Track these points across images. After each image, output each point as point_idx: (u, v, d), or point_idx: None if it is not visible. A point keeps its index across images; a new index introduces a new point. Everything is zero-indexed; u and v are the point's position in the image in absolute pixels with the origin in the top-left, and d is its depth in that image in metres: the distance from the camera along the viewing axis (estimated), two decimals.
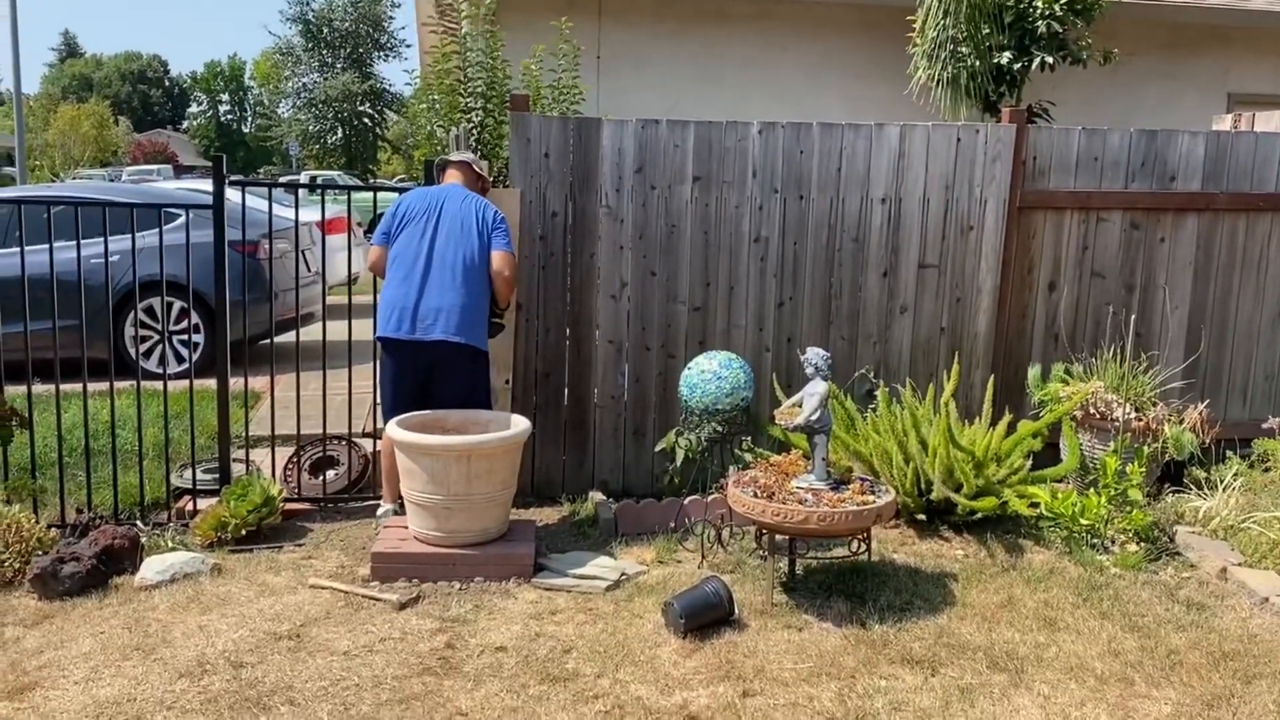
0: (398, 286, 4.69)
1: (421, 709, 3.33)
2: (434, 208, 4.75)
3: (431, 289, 4.62)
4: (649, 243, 5.50)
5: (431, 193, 4.86)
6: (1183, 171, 5.80)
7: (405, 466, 4.38)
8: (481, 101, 6.31)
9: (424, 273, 4.65)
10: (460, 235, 4.68)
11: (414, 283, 4.65)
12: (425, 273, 4.65)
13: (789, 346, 5.61)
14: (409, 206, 4.80)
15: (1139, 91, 9.50)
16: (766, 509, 4.06)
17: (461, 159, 5.02)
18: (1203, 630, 3.93)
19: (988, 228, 5.67)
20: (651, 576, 4.44)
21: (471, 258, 4.68)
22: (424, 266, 4.66)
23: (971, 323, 5.73)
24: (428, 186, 5.07)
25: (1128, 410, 5.14)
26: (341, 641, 3.78)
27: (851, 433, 5.11)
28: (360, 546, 4.73)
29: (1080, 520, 4.72)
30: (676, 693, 3.44)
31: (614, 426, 5.61)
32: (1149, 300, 5.86)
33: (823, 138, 5.53)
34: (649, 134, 5.43)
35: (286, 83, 41.02)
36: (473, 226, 4.70)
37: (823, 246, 5.60)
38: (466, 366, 4.73)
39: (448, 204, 4.75)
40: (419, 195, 4.86)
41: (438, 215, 4.73)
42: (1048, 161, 5.71)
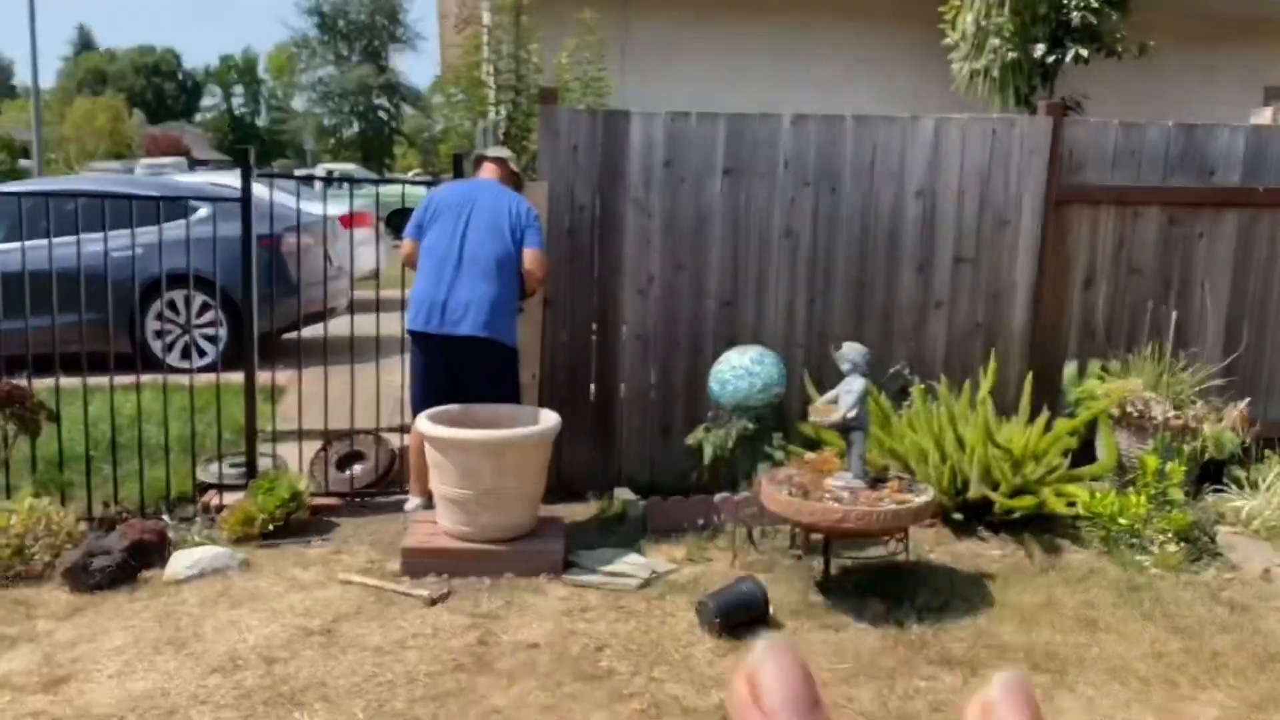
0: (428, 280, 4.65)
1: (456, 706, 3.29)
2: (467, 202, 4.69)
3: (462, 283, 4.58)
4: (677, 236, 5.44)
5: (465, 186, 4.81)
6: (1222, 166, 5.70)
7: (436, 461, 4.34)
8: (510, 94, 6.26)
9: (455, 267, 4.60)
10: (493, 230, 4.63)
11: (445, 277, 4.60)
12: (456, 267, 4.60)
13: (820, 342, 5.54)
14: (441, 200, 4.75)
15: (1174, 84, 9.37)
16: (803, 508, 4.00)
17: (499, 154, 4.97)
18: (1247, 632, 3.86)
19: (1024, 222, 5.58)
20: (682, 575, 4.39)
21: (504, 253, 4.63)
22: (455, 261, 4.61)
23: (1007, 319, 5.65)
24: (458, 180, 5.02)
25: (1166, 409, 5.05)
26: (373, 637, 3.74)
27: (886, 430, 5.04)
28: (389, 542, 4.69)
29: (1119, 520, 4.64)
30: (713, 692, 3.39)
31: (641, 422, 5.56)
32: (1187, 297, 5.77)
33: (856, 130, 5.45)
34: (679, 126, 5.37)
35: (301, 76, 41.12)
36: (505, 222, 4.65)
37: (855, 240, 5.53)
38: (495, 361, 4.69)
39: (481, 198, 4.70)
40: (452, 189, 4.81)
41: (470, 209, 4.68)
42: (1084, 155, 5.62)
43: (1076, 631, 3.86)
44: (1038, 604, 4.09)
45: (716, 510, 4.85)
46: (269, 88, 50.77)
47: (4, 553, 4.19)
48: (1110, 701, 3.36)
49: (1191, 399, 5.21)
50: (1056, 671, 3.54)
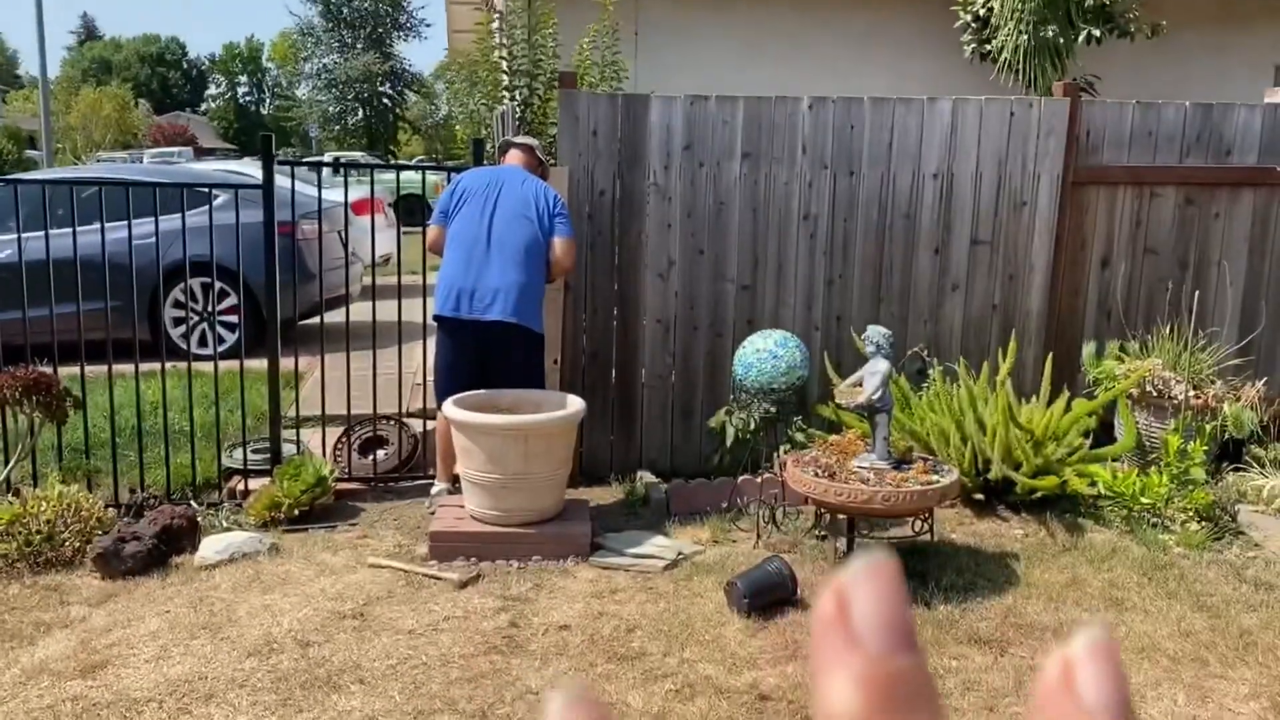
0: (456, 266, 4.66)
1: (491, 687, 3.32)
2: (494, 188, 4.71)
3: (490, 269, 4.60)
4: (697, 221, 5.45)
5: (491, 173, 4.83)
6: (1239, 146, 5.70)
7: (463, 446, 4.37)
8: (526, 80, 6.26)
9: (483, 253, 4.62)
10: (520, 217, 4.64)
11: (473, 263, 4.62)
12: (485, 253, 4.62)
13: (839, 325, 5.56)
14: (468, 186, 4.76)
15: (1186, 65, 9.34)
16: (829, 489, 4.02)
17: (526, 141, 4.96)
18: (1274, 610, 3.88)
19: (1041, 203, 5.59)
20: (708, 556, 4.42)
21: (532, 240, 4.65)
22: (484, 247, 4.63)
23: (1024, 300, 5.66)
24: (483, 166, 5.04)
25: (1186, 388, 5.07)
26: (406, 620, 3.77)
27: (906, 412, 5.06)
28: (414, 526, 4.73)
29: (1140, 499, 4.67)
30: (745, 672, 3.42)
31: (662, 406, 5.58)
32: (1203, 277, 5.77)
33: (874, 112, 5.46)
34: (697, 110, 5.37)
35: (305, 64, 41.02)
36: (532, 209, 4.66)
37: (873, 223, 5.54)
38: (523, 347, 4.71)
39: (507, 184, 4.71)
40: (477, 175, 4.83)
41: (497, 195, 4.69)
42: (1101, 136, 5.62)
43: (1103, 610, 3.89)
44: (1063, 583, 4.11)
45: (739, 492, 4.88)
46: (273, 76, 50.70)
47: (35, 539, 4.23)
48: (1140, 679, 3.39)
49: (1210, 378, 5.22)
50: None
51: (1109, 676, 0.35)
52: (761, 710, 3.19)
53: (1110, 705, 0.34)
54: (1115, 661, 0.35)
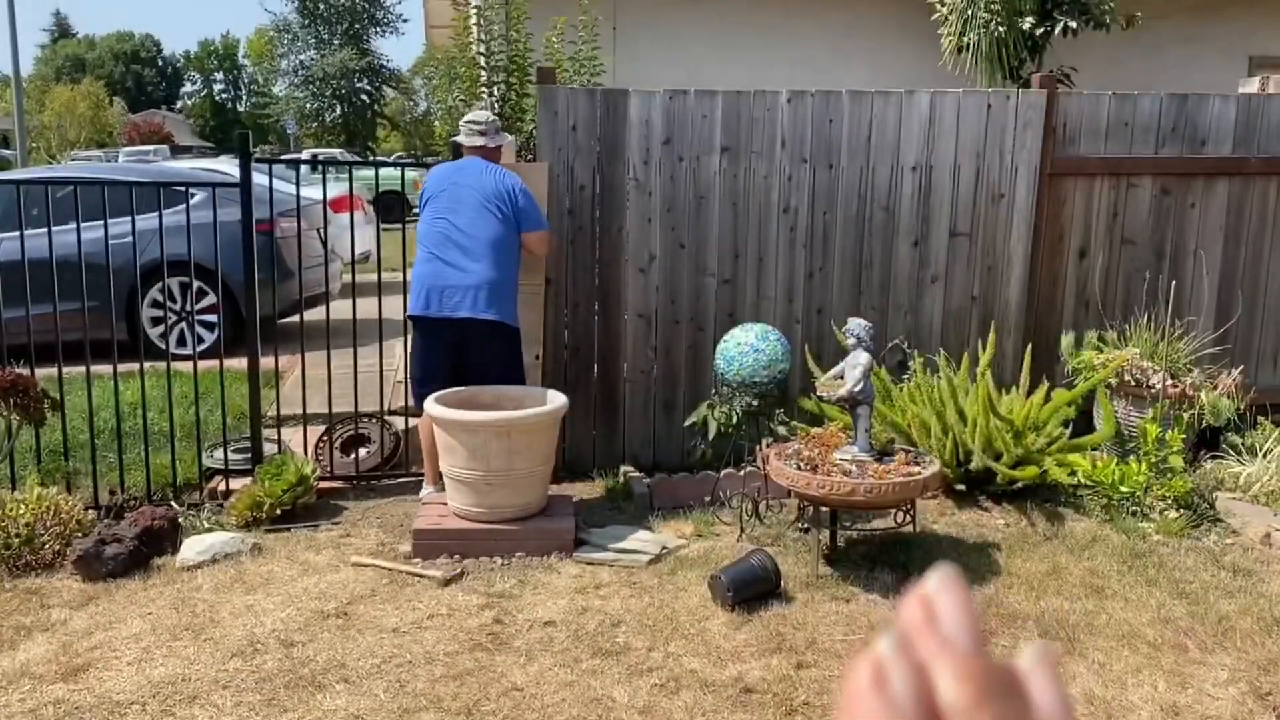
0: (425, 264, 4.66)
1: (476, 684, 3.32)
2: (456, 184, 4.71)
3: (458, 265, 4.59)
4: (677, 215, 5.45)
5: (452, 168, 4.82)
6: (1213, 136, 5.74)
7: (445, 443, 4.36)
8: (504, 75, 6.24)
9: (450, 249, 4.62)
10: (485, 210, 4.63)
11: (440, 260, 4.62)
12: (451, 249, 4.62)
13: (819, 318, 5.58)
14: (433, 183, 4.78)
15: (1161, 55, 9.41)
16: (811, 481, 4.04)
17: (473, 144, 4.87)
18: (1252, 596, 3.93)
19: (1019, 195, 5.62)
20: (692, 550, 4.43)
21: (499, 233, 4.64)
22: (449, 243, 4.63)
23: (1003, 291, 5.69)
24: (449, 162, 5.03)
25: (1164, 377, 5.11)
26: (390, 619, 3.77)
27: (888, 404, 5.08)
28: (398, 524, 4.72)
29: (1120, 488, 4.70)
30: (730, 665, 3.43)
31: (644, 401, 5.59)
32: (1180, 266, 5.82)
33: (852, 106, 5.47)
34: (677, 105, 5.37)
35: (282, 60, 40.76)
36: (497, 202, 4.65)
37: (853, 216, 5.55)
38: (498, 343, 4.70)
39: (466, 178, 4.71)
40: (442, 171, 4.84)
41: (460, 191, 4.69)
42: (1078, 128, 5.66)
43: (1084, 598, 3.92)
44: (1044, 572, 4.15)
45: (722, 486, 4.89)
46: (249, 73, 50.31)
47: (14, 542, 4.20)
48: (1121, 666, 3.42)
49: (1188, 367, 5.27)
50: (1067, 639, 3.60)
51: (962, 604, 0.41)
52: (746, 703, 3.20)
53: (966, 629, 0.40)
54: (964, 592, 0.42)
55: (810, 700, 3.21)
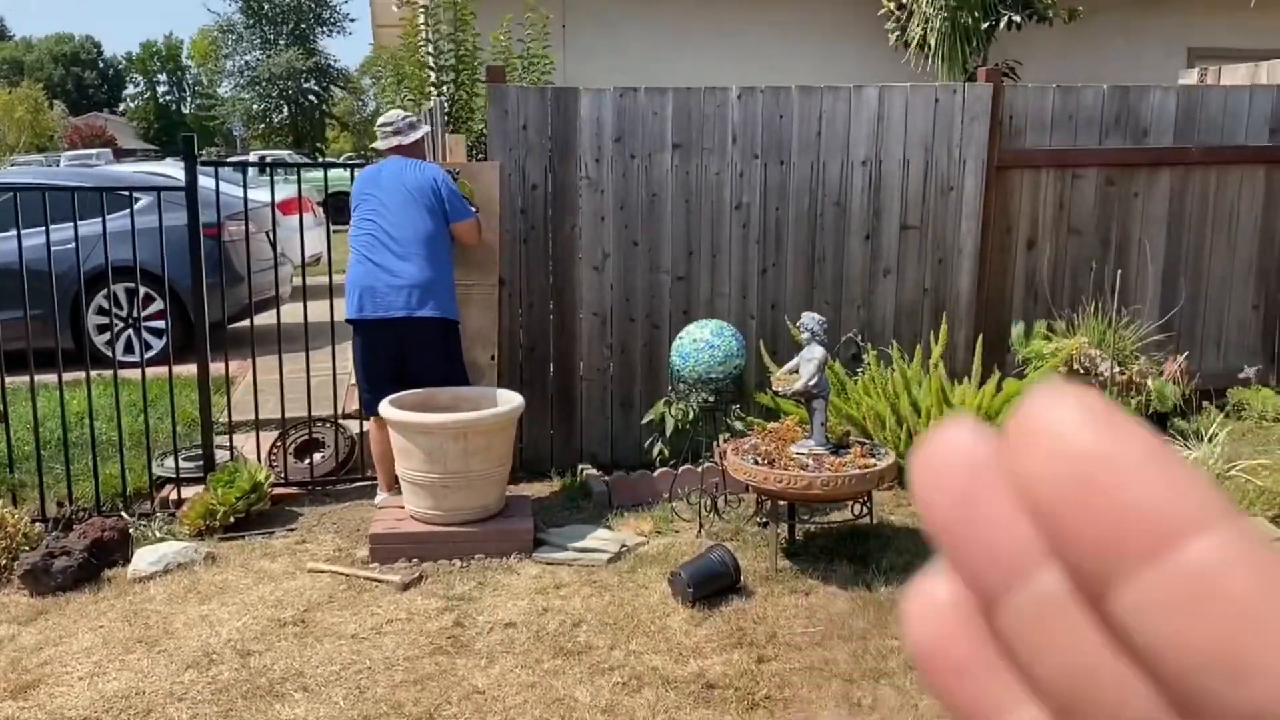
0: (356, 266, 4.66)
1: (437, 688, 3.30)
2: (381, 183, 4.70)
3: (388, 266, 4.57)
4: (630, 213, 5.45)
5: (373, 170, 4.81)
6: (1155, 127, 5.85)
7: (401, 446, 4.32)
8: (452, 75, 6.20)
9: (380, 250, 4.60)
10: (409, 206, 4.61)
11: (371, 261, 4.61)
12: (380, 250, 4.60)
13: (774, 313, 5.61)
14: (357, 189, 4.78)
15: (1102, 48, 9.57)
16: (769, 476, 4.06)
17: (389, 145, 4.81)
18: None
19: (967, 188, 5.69)
20: (651, 547, 4.44)
21: (430, 228, 4.62)
22: (378, 244, 4.61)
23: (954, 283, 5.76)
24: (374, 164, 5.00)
25: (1112, 365, 5.20)
26: (348, 625, 3.73)
27: (842, 396, 5.12)
28: (354, 529, 4.67)
29: None
30: (691, 661, 3.44)
31: (601, 399, 5.58)
32: (1125, 256, 5.93)
33: (802, 101, 5.50)
34: (627, 102, 5.37)
35: (227, 61, 40.19)
36: (418, 194, 4.62)
37: (804, 211, 5.59)
38: (438, 338, 4.68)
39: (387, 178, 4.69)
40: (363, 176, 4.83)
41: (382, 191, 4.67)
42: (1024, 120, 5.74)
43: None
44: None
45: (681, 482, 4.90)
46: (194, 74, 49.48)
47: None
48: None
49: (1134, 354, 5.37)
50: None
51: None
52: (709, 699, 3.21)
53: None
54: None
55: (772, 694, 3.23)
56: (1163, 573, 0.22)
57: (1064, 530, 0.23)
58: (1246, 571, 0.22)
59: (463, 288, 4.98)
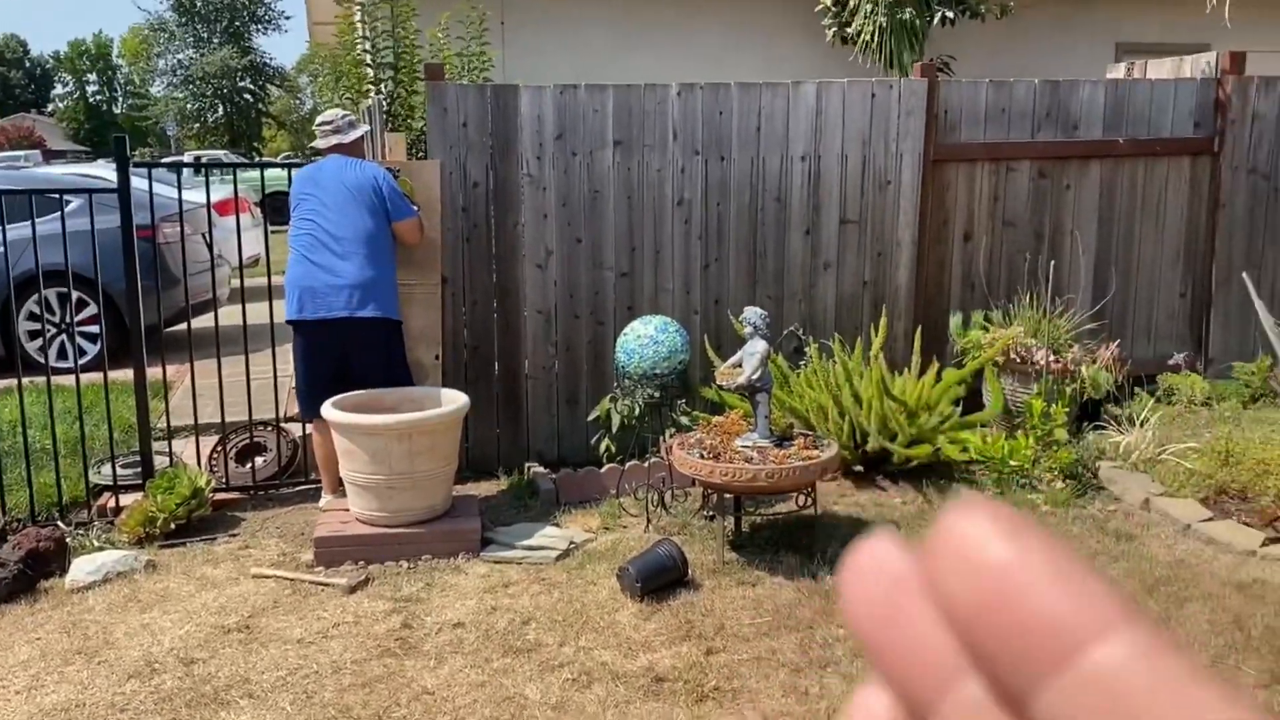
0: (295, 266, 4.62)
1: (386, 690, 3.28)
2: (321, 182, 4.66)
3: (328, 266, 4.53)
4: (573, 210, 5.45)
5: (311, 169, 4.77)
6: (1085, 120, 5.99)
7: (344, 448, 4.29)
8: (391, 72, 6.14)
9: (319, 250, 4.56)
10: (349, 205, 4.58)
11: (310, 261, 4.57)
12: (320, 250, 4.56)
13: (717, 308, 5.65)
14: (295, 189, 4.74)
15: (1034, 43, 9.76)
16: (715, 469, 4.09)
17: (329, 144, 4.77)
18: (1134, 560, 4.12)
19: (904, 182, 5.77)
20: (600, 543, 4.45)
21: (370, 227, 4.58)
22: (318, 244, 4.57)
23: (893, 276, 5.84)
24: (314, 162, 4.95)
25: (1047, 353, 5.32)
26: (294, 629, 3.69)
27: (785, 389, 5.18)
28: (299, 533, 4.62)
29: (1010, 462, 4.88)
30: (641, 655, 3.46)
31: (546, 397, 5.58)
32: (1058, 247, 6.06)
33: (741, 98, 5.54)
34: (568, 99, 5.37)
35: (159, 60, 39.36)
36: (358, 193, 4.59)
37: (746, 207, 5.63)
38: (380, 340, 4.65)
39: (327, 176, 4.65)
40: (301, 175, 4.79)
41: (322, 190, 4.63)
42: (959, 114, 5.84)
43: None
44: None
45: (628, 478, 4.92)
46: (125, 74, 48.34)
47: None
48: None
49: (1068, 343, 5.49)
50: None
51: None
52: (658, 692, 3.23)
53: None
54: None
55: (720, 685, 3.26)
56: (1070, 680, 0.23)
57: (981, 642, 0.24)
58: (1147, 675, 0.23)
59: (405, 287, 4.95)
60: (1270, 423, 5.31)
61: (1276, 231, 6.27)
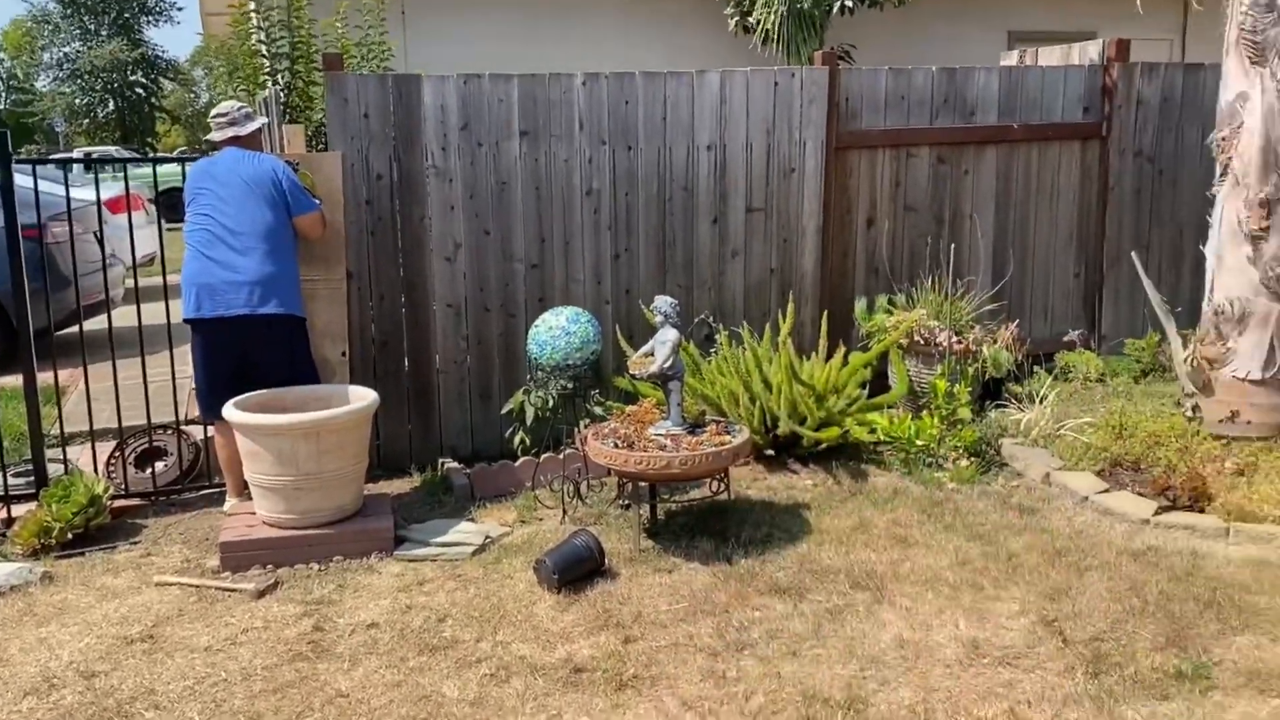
0: (193, 263, 4.50)
1: (298, 695, 3.21)
2: (212, 177, 4.54)
3: (226, 263, 4.42)
4: (480, 201, 5.39)
5: (206, 163, 4.65)
6: (981, 106, 6.14)
7: (248, 450, 4.18)
8: (287, 63, 5.99)
9: (217, 246, 4.45)
10: (248, 199, 4.47)
11: (207, 257, 4.45)
12: (218, 246, 4.45)
13: (628, 298, 5.65)
14: (190, 183, 4.61)
15: (930, 32, 9.97)
16: (629, 458, 4.10)
17: (223, 136, 4.66)
18: (1036, 532, 4.25)
19: (808, 169, 5.85)
20: (516, 537, 4.42)
21: (270, 222, 4.48)
22: (215, 240, 4.46)
23: (799, 262, 5.92)
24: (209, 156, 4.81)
25: (950, 335, 5.45)
26: (200, 638, 3.59)
27: (697, 377, 5.21)
28: (203, 538, 4.50)
29: (916, 441, 4.99)
30: (559, 647, 3.45)
31: (459, 391, 5.52)
32: (958, 231, 6.21)
33: (646, 87, 5.55)
34: (472, 89, 5.31)
35: (44, 53, 37.79)
36: (257, 187, 4.49)
37: (654, 196, 5.64)
38: (282, 338, 4.55)
39: (222, 171, 4.54)
40: (196, 170, 4.66)
41: (218, 185, 4.52)
42: (860, 102, 5.94)
43: (889, 548, 4.14)
44: (851, 526, 4.36)
45: (543, 471, 4.89)
46: (7, 68, 46.29)
47: None
48: (926, 609, 3.64)
49: (970, 324, 5.64)
50: (875, 588, 3.80)
51: None
52: (577, 683, 3.23)
53: None
54: None
55: (639, 673, 3.26)
56: None
57: None
58: None
59: (308, 282, 4.84)
60: (1160, 396, 5.53)
61: (1162, 213, 6.53)
